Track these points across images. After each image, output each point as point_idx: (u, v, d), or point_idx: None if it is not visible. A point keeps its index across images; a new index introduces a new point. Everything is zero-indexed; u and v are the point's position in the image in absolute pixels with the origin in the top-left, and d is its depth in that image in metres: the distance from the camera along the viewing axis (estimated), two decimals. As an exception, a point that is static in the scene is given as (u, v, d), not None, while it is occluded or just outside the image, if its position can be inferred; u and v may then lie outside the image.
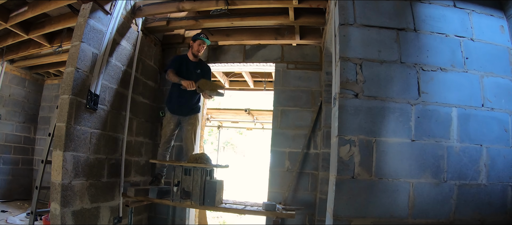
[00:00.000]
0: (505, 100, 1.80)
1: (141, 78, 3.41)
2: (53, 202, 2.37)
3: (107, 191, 2.88)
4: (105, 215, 2.85)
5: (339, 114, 1.68)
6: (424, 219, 1.62)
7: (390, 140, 1.67)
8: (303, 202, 3.13)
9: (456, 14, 1.87)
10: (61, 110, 2.43)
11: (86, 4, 2.60)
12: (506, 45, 1.88)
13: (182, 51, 3.80)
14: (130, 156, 3.23)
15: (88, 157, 2.63)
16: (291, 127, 3.32)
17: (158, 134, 3.67)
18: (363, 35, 1.78)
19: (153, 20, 3.45)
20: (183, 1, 3.06)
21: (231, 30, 3.66)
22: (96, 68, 2.65)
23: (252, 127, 7.69)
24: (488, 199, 1.68)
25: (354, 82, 1.71)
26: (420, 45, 1.79)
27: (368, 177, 1.63)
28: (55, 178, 2.38)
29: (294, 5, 2.85)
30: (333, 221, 1.60)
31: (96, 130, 2.72)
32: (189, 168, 2.61)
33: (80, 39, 2.51)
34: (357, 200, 1.61)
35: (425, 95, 1.73)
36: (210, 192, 2.54)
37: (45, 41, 3.92)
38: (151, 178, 3.60)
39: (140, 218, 3.43)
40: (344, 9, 1.80)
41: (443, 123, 1.71)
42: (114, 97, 2.95)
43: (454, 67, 1.79)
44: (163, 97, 3.72)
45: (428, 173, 1.66)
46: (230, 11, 3.05)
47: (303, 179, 3.21)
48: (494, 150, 1.72)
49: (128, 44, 3.14)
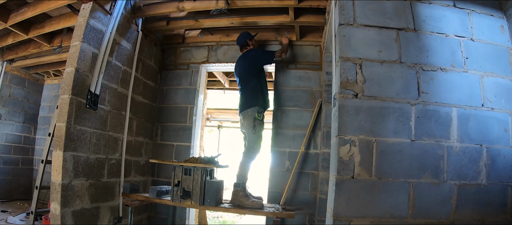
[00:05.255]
0: (505, 100, 1.80)
1: (141, 78, 3.41)
2: (53, 202, 2.37)
3: (107, 191, 2.88)
4: (105, 215, 2.86)
5: (339, 114, 1.68)
6: (424, 219, 1.62)
7: (390, 140, 1.67)
8: (303, 202, 3.13)
9: (456, 14, 1.88)
10: (61, 110, 2.43)
11: (86, 4, 2.60)
12: (506, 45, 1.88)
13: (182, 51, 3.81)
14: (130, 156, 3.23)
15: (88, 157, 2.63)
16: (291, 127, 3.32)
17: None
18: (363, 35, 1.78)
19: (153, 20, 3.45)
20: (183, 1, 3.06)
21: (231, 30, 3.66)
22: (96, 68, 2.65)
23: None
24: (488, 199, 1.68)
25: (354, 82, 1.71)
26: (420, 45, 1.79)
27: (368, 177, 1.63)
28: (55, 178, 2.38)
29: (294, 5, 2.85)
30: (333, 221, 1.60)
31: (96, 130, 2.72)
32: (189, 168, 2.61)
33: (80, 39, 2.51)
34: (357, 200, 1.61)
35: (425, 95, 1.73)
36: (210, 192, 2.54)
37: (45, 41, 3.92)
38: (151, 178, 3.61)
39: (140, 218, 3.43)
40: (344, 9, 1.80)
41: (443, 123, 1.71)
42: (114, 97, 2.95)
43: (454, 67, 1.79)
44: (163, 97, 3.73)
45: (428, 173, 1.66)
46: (230, 10, 3.05)
47: (303, 179, 3.21)
48: (494, 150, 1.73)
49: (128, 44, 3.14)
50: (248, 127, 2.77)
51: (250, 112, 2.77)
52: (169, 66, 3.81)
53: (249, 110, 2.78)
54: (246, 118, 2.79)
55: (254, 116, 2.75)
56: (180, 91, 3.70)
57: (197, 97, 3.66)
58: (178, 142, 3.58)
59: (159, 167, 3.61)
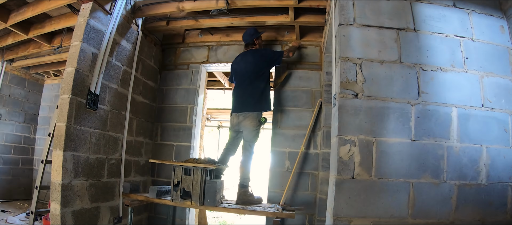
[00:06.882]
0: (505, 100, 1.80)
1: (141, 78, 3.41)
2: (53, 202, 2.37)
3: (107, 191, 2.88)
4: (105, 215, 2.85)
5: (339, 114, 1.68)
6: (424, 219, 1.62)
7: (390, 140, 1.67)
8: (303, 202, 3.13)
9: (456, 14, 1.88)
10: (61, 110, 2.43)
11: (86, 4, 2.60)
12: (506, 45, 1.89)
13: (182, 51, 3.81)
14: (130, 156, 3.23)
15: (88, 157, 2.63)
16: (291, 127, 3.32)
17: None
18: (363, 35, 1.78)
19: (153, 20, 3.45)
20: (183, 1, 3.06)
21: (231, 30, 3.66)
22: (96, 68, 2.65)
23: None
24: (488, 199, 1.68)
25: (354, 82, 1.71)
26: (420, 45, 1.79)
27: (368, 177, 1.63)
28: (55, 178, 2.38)
29: (294, 5, 2.85)
30: (333, 221, 1.60)
31: (96, 130, 2.72)
32: (189, 168, 2.61)
33: (80, 39, 2.51)
34: (357, 200, 1.61)
35: (425, 95, 1.73)
36: (210, 192, 2.54)
37: (45, 41, 3.92)
38: (151, 178, 3.61)
39: (140, 218, 3.43)
40: (344, 9, 1.80)
41: (443, 123, 1.71)
42: (114, 97, 2.95)
43: (454, 67, 1.79)
44: (163, 97, 3.73)
45: (428, 173, 1.66)
46: (230, 10, 3.05)
47: (303, 179, 3.21)
48: (494, 150, 1.73)
49: (128, 44, 3.14)
50: (250, 128, 2.78)
51: (256, 115, 2.79)
52: (169, 66, 3.81)
53: (255, 113, 2.79)
54: (249, 119, 2.79)
55: (259, 119, 2.79)
56: (180, 91, 3.70)
57: (197, 97, 3.66)
58: (178, 142, 3.58)
59: (159, 167, 3.61)
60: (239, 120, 2.87)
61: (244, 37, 3.12)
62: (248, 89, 2.89)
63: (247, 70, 2.94)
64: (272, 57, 3.01)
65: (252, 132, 2.80)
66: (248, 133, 2.81)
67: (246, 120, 2.81)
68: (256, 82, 2.88)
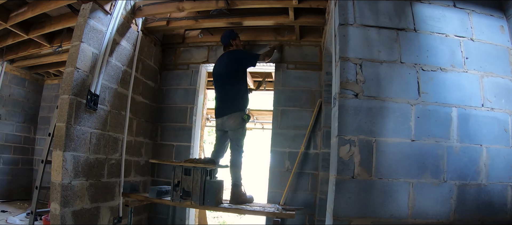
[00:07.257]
0: (505, 100, 1.80)
1: (141, 78, 3.41)
2: (53, 202, 2.37)
3: (107, 191, 2.88)
4: (105, 215, 2.85)
5: (339, 114, 1.68)
6: (424, 219, 1.62)
7: (390, 140, 1.67)
8: (303, 202, 3.13)
9: (456, 14, 1.88)
10: (61, 110, 2.43)
11: (86, 4, 2.60)
12: (506, 45, 1.89)
13: (182, 51, 3.81)
14: (130, 156, 3.23)
15: (88, 157, 2.63)
16: (291, 127, 3.31)
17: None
18: (363, 35, 1.78)
19: (153, 20, 3.45)
20: (183, 1, 3.06)
21: (231, 30, 3.66)
22: (96, 68, 2.65)
23: (252, 127, 7.68)
24: (488, 199, 1.68)
25: (354, 82, 1.71)
26: (420, 45, 1.79)
27: (368, 177, 1.63)
28: (55, 178, 2.38)
29: (294, 5, 2.85)
30: (333, 221, 1.60)
31: (96, 130, 2.72)
32: (189, 168, 2.61)
33: (80, 39, 2.51)
34: (357, 200, 1.61)
35: (425, 95, 1.73)
36: (210, 192, 2.54)
37: (45, 41, 3.92)
38: (151, 178, 3.61)
39: (140, 218, 3.43)
40: (344, 9, 1.80)
41: (443, 123, 1.71)
42: (114, 97, 2.95)
43: (454, 67, 1.79)
44: (163, 97, 3.73)
45: (428, 173, 1.66)
46: (230, 11, 3.05)
47: (303, 179, 3.21)
48: (494, 150, 1.73)
49: (128, 44, 3.14)
50: (236, 127, 2.79)
51: (239, 114, 2.78)
52: (169, 66, 3.81)
53: (237, 113, 2.79)
54: (233, 118, 2.79)
55: (242, 116, 2.79)
56: (180, 91, 3.70)
57: (197, 97, 3.66)
58: (178, 142, 3.58)
59: (159, 167, 3.61)
60: (223, 121, 2.87)
61: (221, 39, 3.08)
62: (226, 91, 2.88)
63: (224, 72, 2.90)
64: (245, 59, 2.99)
65: (237, 131, 2.80)
66: (234, 133, 2.82)
67: (229, 119, 2.81)
68: (233, 83, 2.85)
